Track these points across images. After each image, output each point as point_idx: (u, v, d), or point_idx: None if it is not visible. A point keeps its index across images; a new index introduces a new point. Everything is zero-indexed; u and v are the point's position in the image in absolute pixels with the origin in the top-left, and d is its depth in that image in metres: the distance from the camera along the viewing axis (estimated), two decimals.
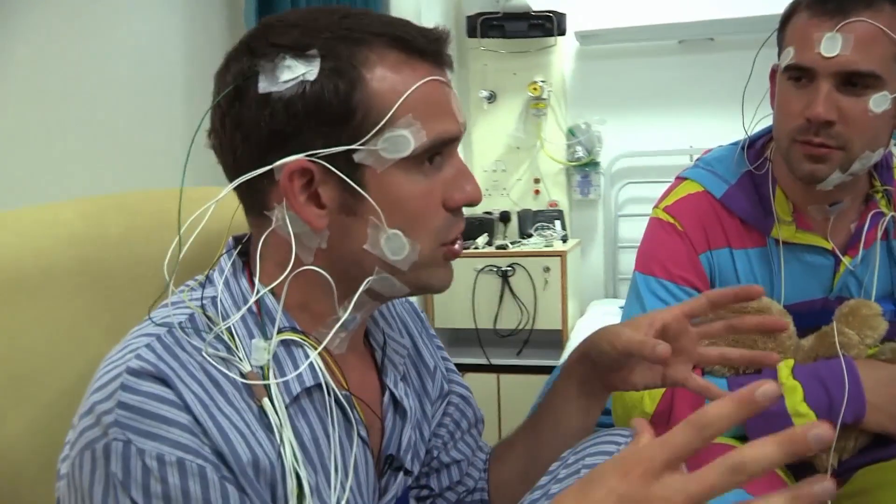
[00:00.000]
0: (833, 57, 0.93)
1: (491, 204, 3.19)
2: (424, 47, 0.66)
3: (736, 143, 1.16)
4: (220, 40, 1.69)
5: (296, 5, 1.62)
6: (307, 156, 0.63)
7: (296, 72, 0.62)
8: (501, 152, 3.19)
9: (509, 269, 2.66)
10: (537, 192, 3.16)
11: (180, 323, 0.63)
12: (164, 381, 0.58)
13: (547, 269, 2.63)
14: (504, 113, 3.15)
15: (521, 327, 2.66)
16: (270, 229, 0.68)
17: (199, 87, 1.60)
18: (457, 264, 2.63)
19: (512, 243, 2.80)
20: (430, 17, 2.85)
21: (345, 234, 0.66)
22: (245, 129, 0.64)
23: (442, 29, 0.69)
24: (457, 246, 0.72)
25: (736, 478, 0.44)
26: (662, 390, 1.04)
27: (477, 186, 0.70)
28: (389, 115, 0.63)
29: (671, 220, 1.11)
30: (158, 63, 1.53)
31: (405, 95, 0.64)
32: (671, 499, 0.45)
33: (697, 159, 1.19)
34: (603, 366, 0.83)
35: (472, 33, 2.91)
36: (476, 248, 2.75)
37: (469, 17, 2.91)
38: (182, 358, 0.61)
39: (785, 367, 0.99)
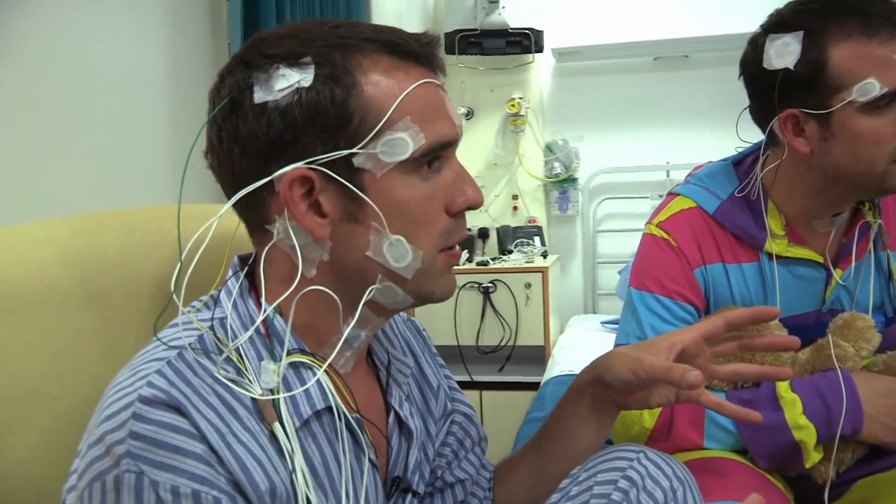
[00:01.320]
0: None
1: (470, 220, 3.17)
2: (417, 51, 0.66)
3: (726, 160, 1.17)
4: (204, 57, 1.68)
5: (281, 19, 1.61)
6: (306, 163, 0.63)
7: (290, 80, 0.62)
8: (480, 168, 3.20)
9: (490, 285, 2.66)
10: (516, 208, 3.17)
11: (191, 344, 0.61)
12: (177, 409, 0.56)
13: (528, 286, 2.64)
14: (482, 129, 3.17)
15: (503, 343, 2.66)
16: (272, 243, 0.67)
17: (182, 103, 1.58)
18: None
19: (492, 259, 2.81)
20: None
21: (347, 242, 0.66)
22: (243, 142, 0.63)
23: (433, 33, 0.69)
24: (456, 250, 0.71)
25: None
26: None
27: (478, 189, 0.70)
28: (387, 116, 0.63)
29: (665, 236, 1.12)
30: (142, 80, 1.51)
31: (401, 97, 0.64)
32: None
33: (688, 175, 1.20)
34: (618, 389, 0.83)
35: (450, 50, 2.92)
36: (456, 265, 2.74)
37: (447, 34, 2.92)
38: (195, 383, 0.59)
39: (783, 381, 1.00)
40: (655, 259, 1.12)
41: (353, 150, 0.63)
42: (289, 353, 0.65)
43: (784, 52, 1.00)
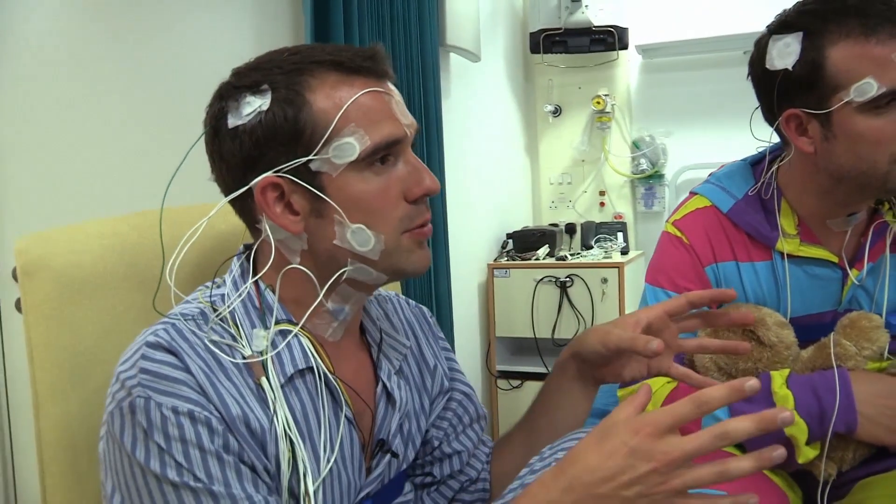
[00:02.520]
0: None
1: (557, 216, 3.25)
2: (359, 64, 0.76)
3: (745, 160, 1.20)
4: None
5: (349, 38, 1.74)
6: (273, 172, 0.75)
7: (253, 105, 0.74)
8: (567, 165, 3.25)
9: (567, 279, 2.71)
10: (602, 204, 3.20)
11: (192, 315, 0.76)
12: (173, 353, 0.71)
13: (605, 281, 2.67)
14: (569, 126, 3.21)
15: None
16: (261, 238, 0.79)
17: None
18: (517, 275, 2.80)
19: (571, 255, 2.85)
20: (493, 34, 2.95)
21: (318, 234, 0.77)
22: (226, 160, 0.77)
23: (375, 46, 0.79)
24: (426, 229, 0.80)
25: (721, 442, 0.60)
26: (665, 393, 1.09)
27: (434, 179, 0.79)
28: (332, 126, 0.74)
29: (678, 234, 1.16)
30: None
31: (344, 107, 0.74)
32: (670, 453, 0.61)
33: (710, 174, 1.23)
34: (593, 362, 0.91)
35: (534, 49, 2.98)
36: (537, 258, 2.81)
37: (532, 34, 2.98)
38: (191, 340, 0.73)
39: (779, 377, 1.02)
40: (668, 256, 1.17)
41: (309, 158, 0.74)
42: (278, 322, 0.78)
43: (785, 53, 1.02)
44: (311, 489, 0.74)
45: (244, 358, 0.75)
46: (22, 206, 1.33)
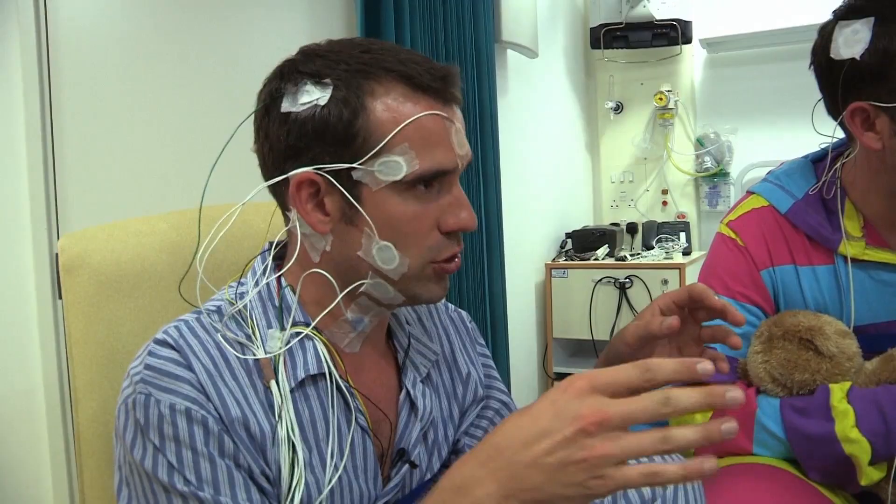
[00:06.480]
0: None
1: (618, 215, 3.17)
2: (428, 83, 0.72)
3: (807, 156, 1.13)
4: None
5: (400, 38, 1.73)
6: (314, 169, 0.72)
7: (312, 96, 0.71)
8: (629, 163, 3.17)
9: (627, 280, 2.64)
10: (665, 203, 3.10)
11: (209, 312, 0.75)
12: (178, 350, 0.71)
13: (665, 282, 2.59)
14: (631, 123, 3.13)
15: None
16: (288, 227, 0.78)
17: None
18: (575, 275, 2.75)
19: (631, 255, 2.78)
20: (552, 29, 2.90)
21: (344, 239, 0.75)
22: (270, 141, 0.75)
23: (450, 67, 0.75)
24: (452, 265, 0.77)
25: (664, 409, 0.52)
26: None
27: (472, 215, 0.76)
28: (385, 141, 0.70)
29: (732, 236, 1.10)
30: None
31: (402, 125, 0.71)
32: (600, 411, 0.53)
33: (769, 173, 1.17)
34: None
35: (595, 44, 2.91)
36: (596, 259, 2.75)
37: (592, 29, 2.92)
38: (201, 337, 0.72)
39: (839, 390, 0.95)
40: (722, 259, 1.11)
41: (353, 166, 0.72)
42: (295, 325, 0.76)
43: (852, 41, 0.95)
44: (297, 499, 0.71)
45: (256, 360, 0.73)
46: (81, 202, 1.37)
